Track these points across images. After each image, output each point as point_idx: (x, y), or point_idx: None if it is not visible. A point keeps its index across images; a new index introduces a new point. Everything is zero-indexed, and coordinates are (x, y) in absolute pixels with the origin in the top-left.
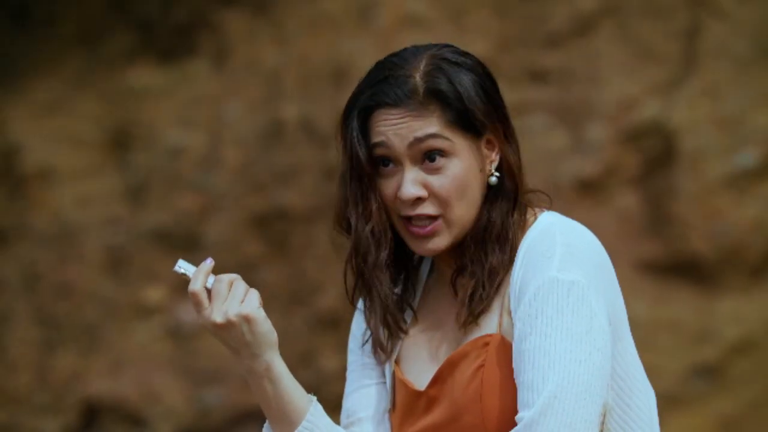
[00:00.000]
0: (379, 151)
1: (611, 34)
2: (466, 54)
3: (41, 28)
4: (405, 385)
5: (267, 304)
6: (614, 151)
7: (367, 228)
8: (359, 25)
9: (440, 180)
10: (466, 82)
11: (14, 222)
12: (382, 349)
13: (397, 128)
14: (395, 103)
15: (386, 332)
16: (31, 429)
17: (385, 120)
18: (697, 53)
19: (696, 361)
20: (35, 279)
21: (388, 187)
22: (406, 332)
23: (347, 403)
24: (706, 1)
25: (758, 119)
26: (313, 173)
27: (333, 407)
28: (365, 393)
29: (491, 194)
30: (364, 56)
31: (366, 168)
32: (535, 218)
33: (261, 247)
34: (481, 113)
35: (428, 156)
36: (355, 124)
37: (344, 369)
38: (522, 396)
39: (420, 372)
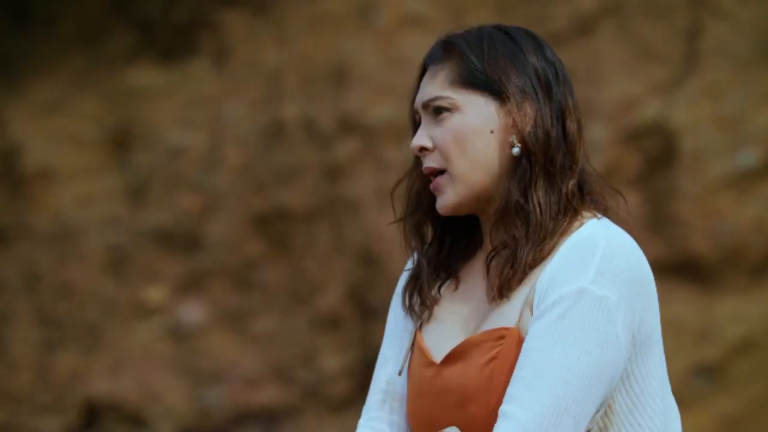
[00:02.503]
0: (416, 116)
1: (612, 34)
2: (537, 38)
3: (41, 28)
4: (423, 352)
5: (267, 304)
6: (615, 151)
7: (407, 184)
8: (360, 25)
9: (441, 132)
10: (495, 43)
11: (15, 222)
12: (411, 309)
13: (421, 89)
14: (430, 62)
15: (417, 296)
16: (32, 429)
17: (423, 79)
18: (697, 53)
19: (697, 361)
20: (36, 279)
21: None
22: (435, 300)
23: (388, 369)
24: (706, 0)
25: (759, 119)
26: (314, 173)
27: (334, 407)
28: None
29: (513, 169)
30: (364, 56)
31: (412, 126)
32: (582, 223)
33: (261, 246)
34: (492, 74)
35: (436, 111)
36: (416, 82)
37: (345, 369)
38: (514, 389)
39: (440, 342)
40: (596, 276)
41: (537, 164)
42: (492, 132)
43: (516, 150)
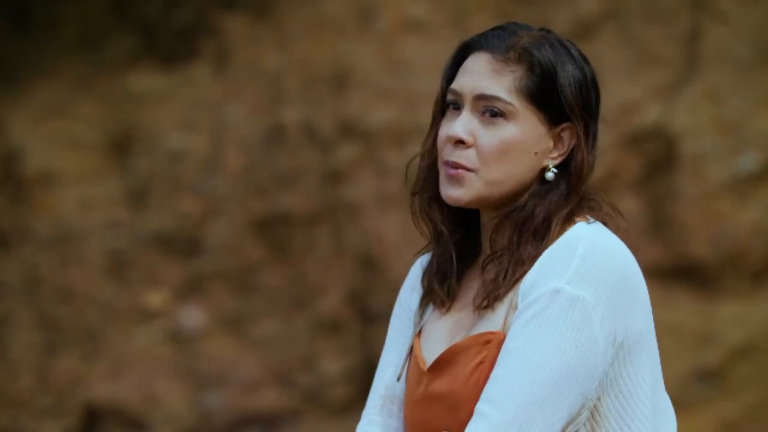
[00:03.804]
0: (450, 98)
1: (612, 38)
2: (581, 52)
3: (42, 31)
4: (416, 359)
5: (268, 308)
6: (615, 155)
7: (423, 164)
8: (360, 29)
9: (489, 136)
10: (566, 64)
11: (16, 225)
12: (434, 294)
13: (475, 74)
14: (490, 49)
15: (430, 288)
16: None
17: (474, 62)
18: (698, 57)
19: (698, 365)
20: (36, 282)
21: (443, 128)
22: (446, 300)
23: (388, 374)
24: (707, 4)
25: (759, 123)
26: (315, 177)
27: (335, 411)
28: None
29: (544, 189)
30: (365, 60)
31: (440, 104)
32: (572, 225)
33: (262, 250)
34: (562, 99)
35: (488, 110)
36: (452, 58)
37: (345, 373)
38: (488, 388)
39: (432, 349)
40: (573, 276)
41: (573, 194)
42: (536, 154)
43: (550, 175)
